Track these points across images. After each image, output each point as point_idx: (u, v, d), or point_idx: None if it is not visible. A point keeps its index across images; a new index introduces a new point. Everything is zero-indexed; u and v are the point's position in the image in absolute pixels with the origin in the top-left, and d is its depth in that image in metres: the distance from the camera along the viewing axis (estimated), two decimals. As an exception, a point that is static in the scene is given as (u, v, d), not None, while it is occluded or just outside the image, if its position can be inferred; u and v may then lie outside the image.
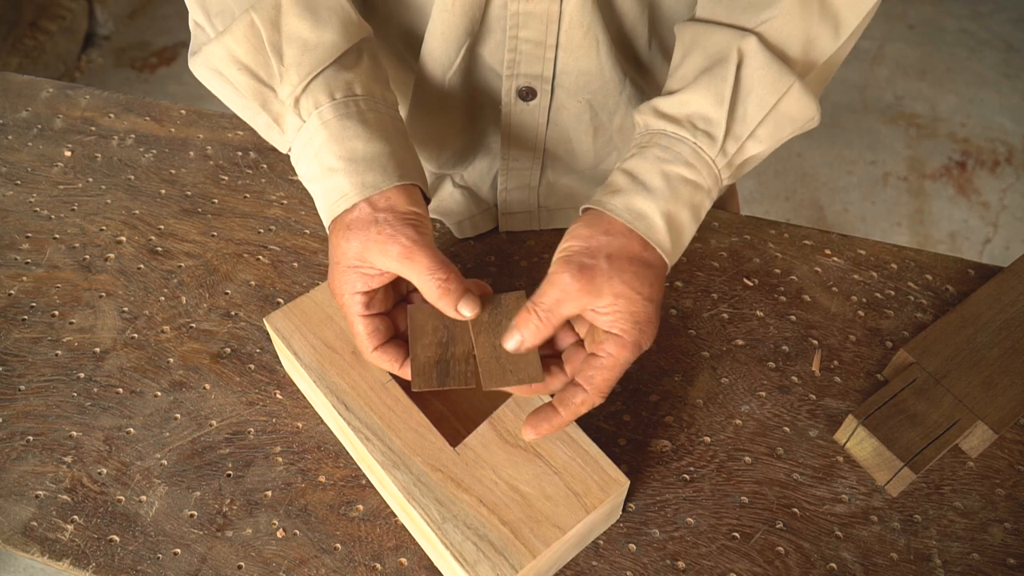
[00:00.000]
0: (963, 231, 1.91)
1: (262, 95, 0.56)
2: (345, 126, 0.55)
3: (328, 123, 0.55)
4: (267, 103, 0.56)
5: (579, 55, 0.63)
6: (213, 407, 0.67)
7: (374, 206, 0.54)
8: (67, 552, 0.60)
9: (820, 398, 0.67)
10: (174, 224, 0.79)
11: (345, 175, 0.54)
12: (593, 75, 0.65)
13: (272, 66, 0.55)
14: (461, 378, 0.55)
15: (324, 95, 0.55)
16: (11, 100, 0.90)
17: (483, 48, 0.65)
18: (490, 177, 0.78)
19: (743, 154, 0.56)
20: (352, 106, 0.56)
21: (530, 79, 0.65)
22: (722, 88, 0.54)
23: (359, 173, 0.54)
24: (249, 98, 0.56)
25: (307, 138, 0.56)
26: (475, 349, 0.55)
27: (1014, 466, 0.63)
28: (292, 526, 0.61)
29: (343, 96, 0.56)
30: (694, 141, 0.54)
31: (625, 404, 0.67)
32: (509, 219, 0.77)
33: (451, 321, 0.57)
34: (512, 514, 0.54)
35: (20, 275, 0.75)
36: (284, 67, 0.55)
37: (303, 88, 0.55)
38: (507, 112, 0.68)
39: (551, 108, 0.68)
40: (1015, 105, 2.16)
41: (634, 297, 0.52)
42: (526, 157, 0.72)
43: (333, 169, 0.55)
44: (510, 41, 0.62)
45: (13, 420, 0.67)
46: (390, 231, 0.53)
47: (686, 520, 0.61)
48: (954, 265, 0.75)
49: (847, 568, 0.59)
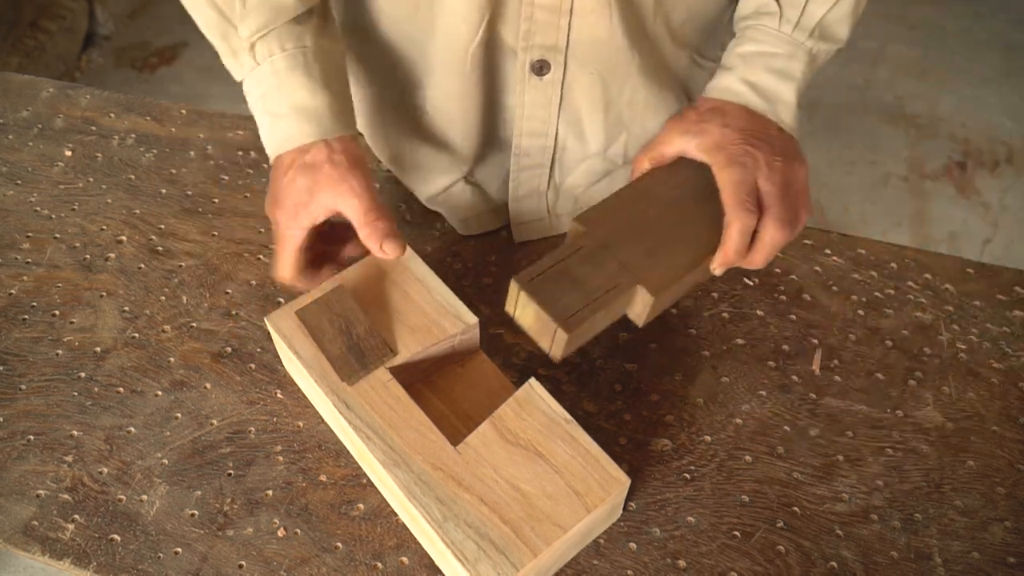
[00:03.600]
0: (963, 231, 1.91)
1: (223, 28, 0.63)
2: (293, 77, 0.62)
3: (278, 72, 0.62)
4: (227, 35, 0.63)
5: (592, 20, 0.65)
6: (214, 406, 0.67)
7: (331, 149, 0.62)
8: (68, 551, 0.60)
9: (820, 397, 0.67)
10: (175, 224, 0.79)
11: (290, 121, 0.62)
12: (604, 43, 0.67)
13: (235, 5, 0.62)
14: (377, 354, 0.61)
15: (276, 45, 0.63)
16: (11, 100, 0.90)
17: (501, 23, 0.66)
18: (501, 176, 0.78)
19: (812, 16, 0.63)
20: (300, 57, 0.63)
21: (544, 51, 0.66)
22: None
23: (300, 122, 0.62)
24: (213, 29, 0.64)
25: (258, 79, 0.63)
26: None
27: (1014, 465, 0.64)
28: (293, 525, 0.61)
29: (293, 47, 0.63)
30: (757, 23, 0.65)
31: (625, 403, 0.67)
32: (522, 229, 0.77)
33: (340, 307, 0.63)
34: (513, 513, 0.54)
35: (21, 275, 0.75)
36: (245, 10, 0.61)
37: (260, 36, 0.62)
38: (521, 90, 0.69)
39: (564, 84, 0.69)
40: (1015, 105, 2.16)
41: (731, 134, 0.61)
42: (537, 148, 0.73)
43: (280, 115, 0.63)
44: (525, 8, 0.64)
45: (14, 419, 0.67)
46: (341, 172, 0.61)
47: (687, 519, 0.61)
48: (953, 265, 0.75)
49: (847, 567, 0.59)
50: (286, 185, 0.62)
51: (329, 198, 0.61)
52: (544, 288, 0.58)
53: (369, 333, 0.62)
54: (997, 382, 0.68)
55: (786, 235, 0.60)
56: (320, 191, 0.61)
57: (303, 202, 0.62)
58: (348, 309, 0.63)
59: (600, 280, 0.59)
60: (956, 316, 0.72)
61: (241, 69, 0.64)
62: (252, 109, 0.65)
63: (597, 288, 0.58)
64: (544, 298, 0.58)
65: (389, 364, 0.61)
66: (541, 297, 0.58)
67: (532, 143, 0.73)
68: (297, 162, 0.62)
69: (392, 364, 0.61)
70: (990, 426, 0.65)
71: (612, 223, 0.62)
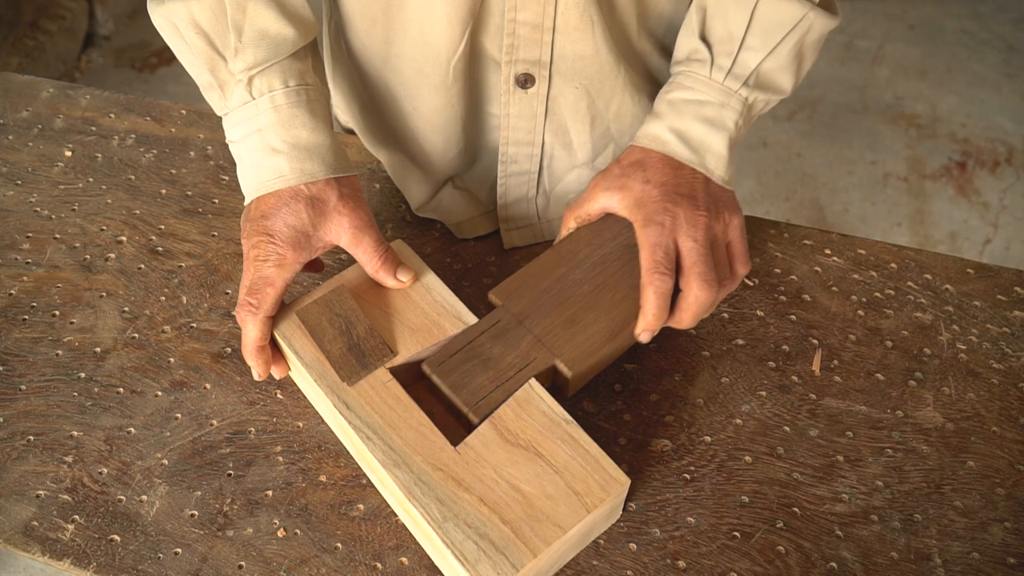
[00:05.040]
0: (963, 231, 1.91)
1: (212, 60, 0.60)
2: (295, 114, 0.60)
3: (279, 108, 0.60)
4: (215, 69, 0.60)
5: (575, 37, 0.64)
6: (214, 407, 0.67)
7: (340, 183, 0.61)
8: (68, 552, 0.60)
9: (820, 398, 0.67)
10: (175, 224, 0.79)
11: (287, 159, 0.60)
12: (589, 59, 0.66)
13: (229, 38, 0.59)
14: (377, 354, 0.60)
15: (278, 80, 0.60)
16: (11, 100, 0.90)
17: (483, 35, 0.66)
18: (489, 181, 0.78)
19: (745, 65, 0.62)
20: (303, 95, 0.61)
21: (528, 65, 0.66)
22: (692, 22, 0.63)
23: (300, 160, 0.60)
24: (199, 58, 0.60)
25: (252, 114, 0.61)
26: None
27: (1014, 465, 0.64)
28: (293, 525, 0.61)
29: (296, 84, 0.61)
30: (687, 69, 0.63)
31: (625, 403, 0.67)
32: (512, 234, 0.77)
33: (340, 308, 0.63)
34: (513, 513, 0.54)
35: (21, 275, 0.75)
36: (241, 44, 0.59)
37: (260, 70, 0.60)
38: (506, 102, 0.68)
39: (549, 97, 0.69)
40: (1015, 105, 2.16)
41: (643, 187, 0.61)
42: (524, 156, 0.73)
43: (277, 151, 0.60)
44: (508, 24, 0.63)
45: (14, 420, 0.67)
46: (351, 206, 0.61)
47: (686, 519, 0.61)
48: (953, 265, 0.75)
49: (847, 567, 0.59)
50: (288, 216, 0.60)
51: (335, 231, 0.61)
52: (455, 370, 0.58)
53: (369, 333, 0.62)
54: (997, 382, 0.68)
55: (710, 294, 0.58)
56: (328, 223, 0.61)
57: (307, 234, 0.60)
58: (348, 309, 0.63)
59: (513, 359, 0.58)
60: (956, 316, 0.72)
61: (228, 103, 0.62)
62: (235, 144, 0.63)
63: (510, 366, 0.58)
64: (454, 382, 0.57)
65: (389, 364, 0.61)
66: (451, 380, 0.58)
67: (519, 151, 0.72)
68: (302, 194, 0.60)
69: (392, 364, 0.61)
70: (990, 426, 0.65)
71: (529, 294, 0.61)
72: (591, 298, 0.61)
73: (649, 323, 0.59)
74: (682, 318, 0.60)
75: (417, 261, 0.66)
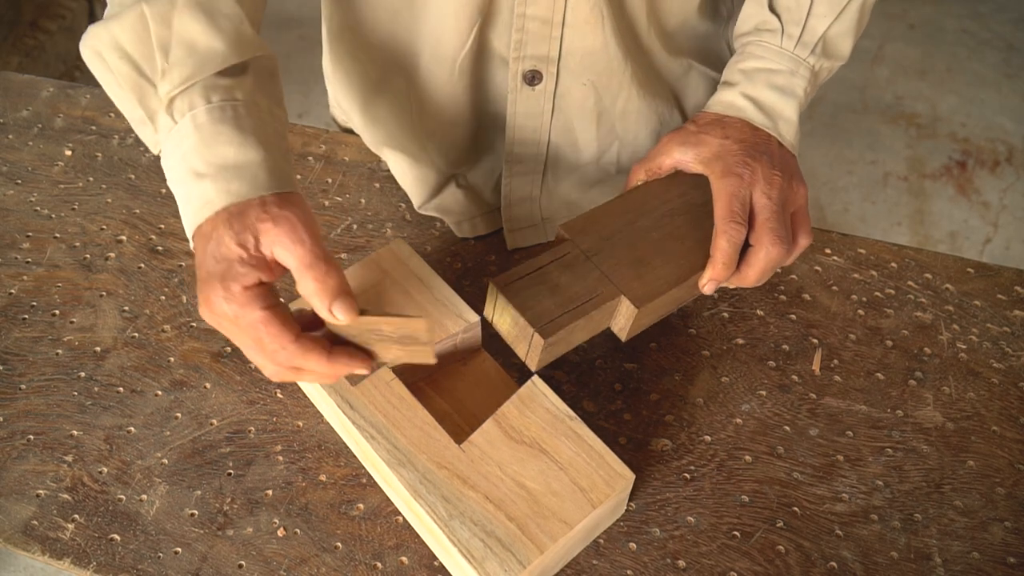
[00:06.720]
0: (963, 231, 1.91)
1: (140, 89, 0.53)
2: (218, 131, 0.51)
3: (201, 127, 0.51)
4: (144, 98, 0.53)
5: (585, 31, 0.64)
6: (214, 406, 0.67)
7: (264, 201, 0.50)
8: (68, 551, 0.60)
9: (820, 397, 0.67)
10: (175, 223, 0.79)
11: (212, 181, 0.50)
12: (598, 54, 0.66)
13: (156, 60, 0.52)
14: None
15: (200, 98, 0.52)
16: (11, 99, 0.90)
17: (491, 31, 0.65)
18: (493, 179, 0.78)
19: (813, 32, 0.63)
20: (229, 111, 0.52)
21: (536, 61, 0.66)
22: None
23: (226, 180, 0.50)
24: (127, 89, 0.53)
25: (177, 140, 0.52)
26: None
27: (1014, 465, 0.64)
28: (293, 525, 0.61)
29: (220, 100, 0.52)
30: (758, 39, 0.65)
31: (625, 403, 0.67)
32: (515, 235, 0.77)
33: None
34: (518, 510, 0.54)
35: (21, 274, 0.75)
36: (168, 64, 0.52)
37: (181, 90, 0.52)
38: (513, 99, 0.68)
39: (556, 94, 0.69)
40: (1015, 105, 2.16)
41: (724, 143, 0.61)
42: (529, 156, 0.73)
43: (201, 175, 0.51)
44: (517, 20, 0.63)
45: (14, 419, 0.67)
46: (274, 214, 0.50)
47: (686, 519, 0.61)
48: (953, 264, 0.75)
49: (847, 567, 0.59)
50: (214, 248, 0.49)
51: (265, 243, 0.49)
52: (522, 292, 0.57)
53: None
54: (997, 382, 0.68)
55: (780, 252, 0.58)
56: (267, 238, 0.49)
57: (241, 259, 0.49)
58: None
59: (580, 289, 0.58)
60: (956, 316, 0.72)
61: (156, 136, 0.53)
62: (170, 185, 0.53)
63: (576, 297, 0.57)
64: (521, 302, 0.57)
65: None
66: (519, 301, 0.57)
67: (524, 150, 0.72)
68: (221, 218, 0.50)
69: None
70: (990, 426, 0.65)
71: (598, 233, 0.61)
72: (659, 244, 0.61)
73: (717, 271, 0.59)
74: (748, 274, 0.60)
75: (418, 260, 0.66)
